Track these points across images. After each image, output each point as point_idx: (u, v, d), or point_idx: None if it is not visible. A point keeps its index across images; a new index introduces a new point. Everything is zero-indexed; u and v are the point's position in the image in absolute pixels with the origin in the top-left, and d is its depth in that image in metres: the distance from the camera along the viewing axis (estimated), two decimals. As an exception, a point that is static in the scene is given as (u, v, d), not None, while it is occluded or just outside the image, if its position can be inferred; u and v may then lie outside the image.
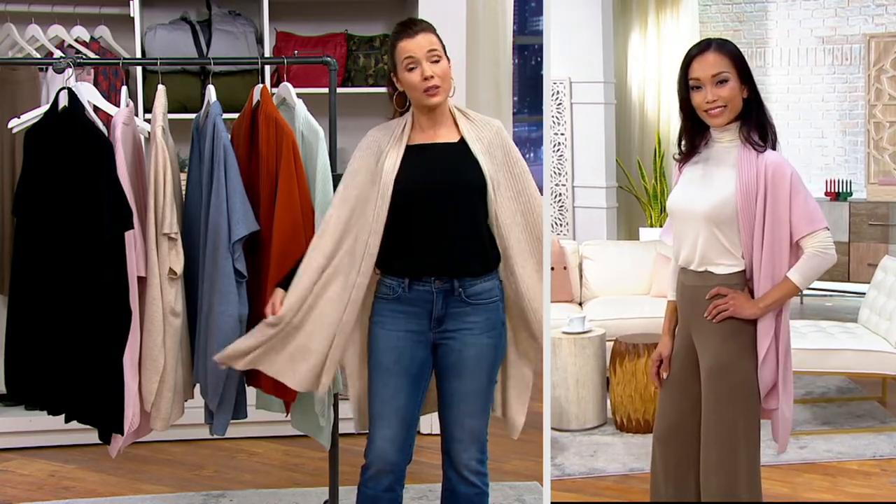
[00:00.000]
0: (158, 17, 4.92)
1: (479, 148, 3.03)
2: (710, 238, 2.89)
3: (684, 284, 2.98)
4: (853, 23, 7.23)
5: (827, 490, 4.13)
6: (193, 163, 3.39)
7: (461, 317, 3.03)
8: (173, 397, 3.32)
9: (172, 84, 4.28)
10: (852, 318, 5.33)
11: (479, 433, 3.10)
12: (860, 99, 7.20)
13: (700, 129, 2.95)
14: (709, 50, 2.86)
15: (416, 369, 3.05)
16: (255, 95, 3.41)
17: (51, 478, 4.39)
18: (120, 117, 3.30)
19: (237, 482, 4.32)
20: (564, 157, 7.07)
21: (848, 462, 4.40)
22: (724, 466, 2.89)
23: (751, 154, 2.86)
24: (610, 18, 6.96)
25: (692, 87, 2.87)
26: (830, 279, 6.99)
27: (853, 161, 7.31)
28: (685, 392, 3.01)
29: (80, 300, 3.22)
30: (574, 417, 4.81)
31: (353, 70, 4.96)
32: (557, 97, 7.04)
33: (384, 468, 3.05)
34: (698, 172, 2.95)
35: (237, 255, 3.25)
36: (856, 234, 6.87)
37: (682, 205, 2.96)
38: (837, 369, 4.83)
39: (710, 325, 2.91)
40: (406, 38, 3.00)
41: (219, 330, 3.24)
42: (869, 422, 4.90)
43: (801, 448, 4.54)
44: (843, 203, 6.96)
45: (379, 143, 3.06)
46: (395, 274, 3.03)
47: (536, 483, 4.22)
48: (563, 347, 4.82)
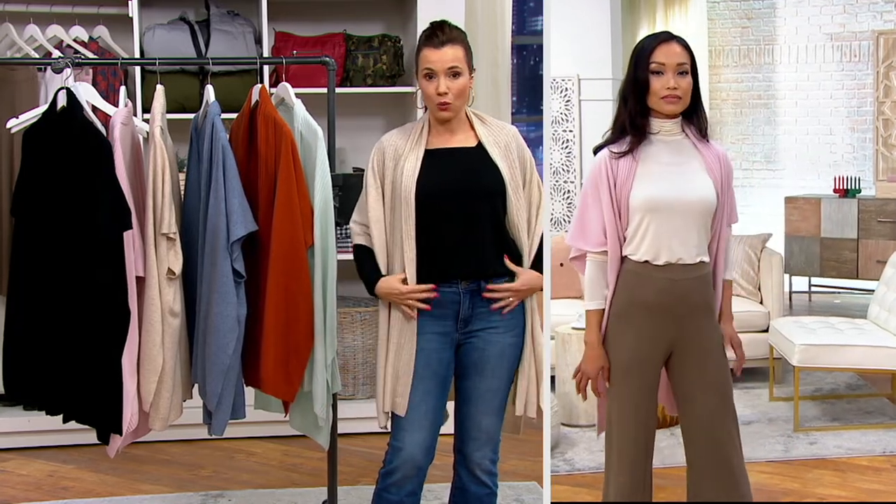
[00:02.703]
0: (157, 17, 4.92)
1: (497, 153, 3.07)
2: (702, 230, 2.95)
3: (671, 279, 2.93)
4: (862, 19, 7.22)
5: (837, 486, 4.14)
6: (192, 163, 3.39)
7: (486, 316, 3.06)
8: (172, 397, 3.31)
9: (171, 84, 4.26)
10: (860, 315, 5.34)
11: (495, 433, 3.13)
12: (869, 96, 7.20)
13: (644, 117, 2.95)
14: (674, 40, 2.93)
15: (444, 371, 3.07)
16: (253, 95, 3.40)
17: (49, 478, 4.39)
18: (118, 117, 3.30)
19: (236, 482, 4.32)
20: (573, 154, 7.07)
21: (858, 458, 4.42)
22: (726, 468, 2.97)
23: (706, 146, 2.98)
24: (618, 15, 6.97)
25: (653, 71, 2.90)
26: (839, 276, 7.00)
27: (861, 158, 7.31)
28: (652, 394, 3.02)
29: (78, 300, 3.22)
30: (584, 413, 4.82)
31: (351, 70, 4.96)
32: (566, 94, 7.04)
33: (411, 473, 3.05)
34: (660, 165, 2.93)
35: (236, 256, 3.25)
36: (864, 231, 6.88)
37: (668, 198, 2.91)
38: (847, 365, 4.83)
39: (702, 317, 2.97)
40: (431, 47, 3.00)
41: (217, 330, 3.24)
42: (878, 418, 4.91)
43: (811, 444, 4.56)
44: (851, 200, 6.95)
45: (395, 147, 3.08)
46: (422, 278, 3.04)
47: (535, 483, 4.22)
48: (573, 343, 4.83)
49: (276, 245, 3.25)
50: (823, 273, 7.09)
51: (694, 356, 2.98)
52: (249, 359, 3.35)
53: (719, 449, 2.96)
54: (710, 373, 2.97)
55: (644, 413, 3.00)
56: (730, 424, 2.98)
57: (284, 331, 3.28)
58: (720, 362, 2.99)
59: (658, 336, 2.98)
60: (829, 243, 7.03)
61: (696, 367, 2.98)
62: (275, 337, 3.27)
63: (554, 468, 4.33)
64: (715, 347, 2.99)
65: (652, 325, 2.97)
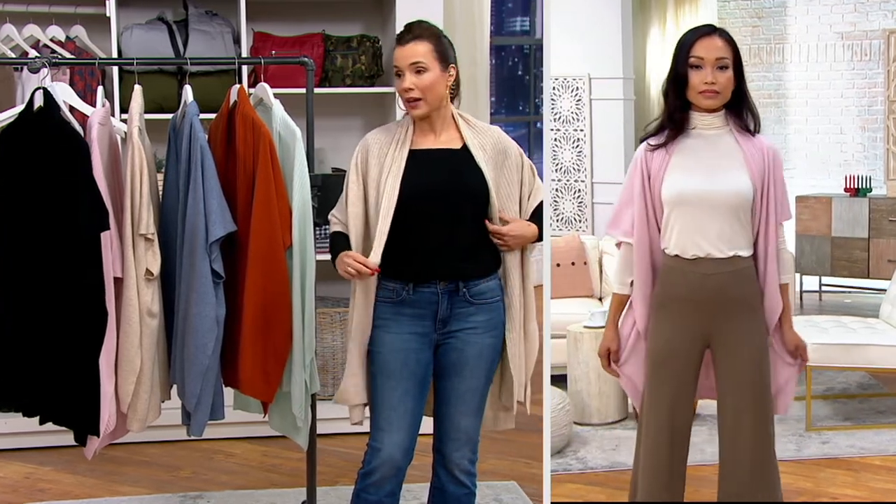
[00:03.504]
0: (134, 17, 4.90)
1: (481, 156, 3.07)
2: (735, 223, 2.95)
3: (704, 274, 2.96)
4: (872, 18, 7.22)
5: (850, 485, 4.14)
6: (170, 163, 3.39)
7: (465, 316, 3.07)
8: (150, 398, 3.31)
9: (149, 84, 4.25)
10: (871, 315, 5.33)
11: (474, 433, 3.14)
12: (879, 95, 7.18)
13: (684, 111, 2.98)
14: (715, 34, 2.94)
15: (422, 371, 3.08)
16: (231, 96, 3.40)
17: (26, 480, 4.36)
18: (96, 117, 3.29)
19: (214, 483, 4.31)
20: (583, 153, 7.07)
21: (871, 457, 4.41)
22: (769, 459, 2.98)
23: (748, 140, 2.97)
24: (629, 14, 6.95)
25: (692, 65, 2.92)
26: (850, 275, 6.99)
27: (872, 157, 7.30)
28: (688, 388, 3.02)
29: (55, 301, 3.21)
30: (595, 412, 4.83)
31: (330, 70, 4.96)
32: (577, 93, 7.04)
33: (390, 473, 3.06)
34: (694, 159, 2.96)
35: (214, 256, 3.24)
36: (875, 231, 6.85)
37: (697, 192, 2.95)
38: (859, 364, 4.82)
39: (740, 313, 2.95)
40: (398, 44, 3.03)
41: (196, 331, 3.23)
42: (891, 417, 4.91)
43: (823, 443, 4.57)
44: (862, 199, 6.92)
45: (380, 145, 3.09)
46: (400, 277, 3.05)
47: (514, 483, 4.23)
48: (585, 342, 4.84)
49: (254, 245, 3.25)
50: (834, 272, 7.03)
51: (727, 352, 2.98)
52: (228, 359, 3.34)
53: (746, 448, 2.96)
54: (741, 371, 2.97)
55: (675, 405, 3.01)
56: (758, 424, 2.96)
57: (263, 331, 3.28)
58: (755, 360, 2.97)
59: (692, 330, 3.00)
60: (840, 242, 6.96)
61: (728, 363, 2.98)
62: (253, 337, 3.27)
63: (566, 466, 4.34)
64: (751, 345, 2.97)
65: (686, 318, 3.00)
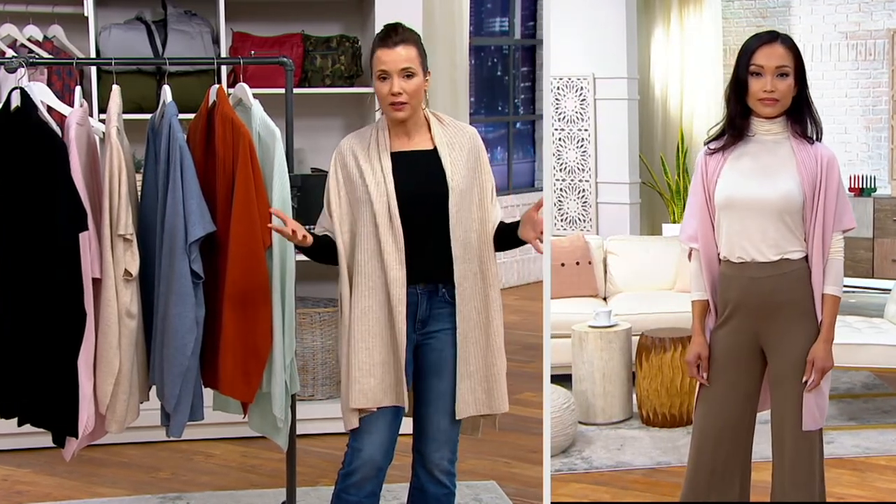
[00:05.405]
0: (113, 17, 4.88)
1: (447, 152, 3.06)
2: (782, 227, 2.97)
3: (751, 278, 2.99)
4: (877, 18, 7.22)
5: (856, 485, 4.14)
6: (149, 163, 3.38)
7: (444, 317, 3.07)
8: (129, 399, 3.30)
9: (127, 84, 4.24)
10: (876, 315, 5.31)
11: (453, 434, 3.14)
12: (884, 94, 7.17)
13: (744, 118, 3.01)
14: (777, 41, 2.96)
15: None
16: (211, 96, 3.39)
17: (4, 482, 4.34)
18: (74, 118, 3.28)
19: (194, 484, 4.30)
20: (588, 153, 7.07)
21: (876, 457, 4.40)
22: (804, 467, 2.99)
23: (804, 146, 2.99)
24: (634, 14, 6.96)
25: (752, 73, 2.95)
26: (854, 275, 6.99)
27: (877, 157, 7.30)
28: (741, 389, 3.05)
29: (34, 302, 3.19)
30: (600, 411, 4.84)
31: (309, 70, 4.96)
32: (581, 93, 7.05)
33: (370, 474, 3.06)
34: (748, 164, 2.99)
35: (194, 257, 3.24)
36: (880, 231, 6.83)
37: (745, 197, 2.98)
38: (864, 364, 4.80)
39: (789, 317, 2.97)
40: (384, 47, 3.00)
41: (175, 331, 3.23)
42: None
43: (828, 443, 4.50)
44: (867, 199, 6.91)
45: (354, 151, 3.07)
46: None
47: (493, 482, 4.24)
48: (590, 342, 4.85)
49: (234, 246, 3.25)
50: (839, 272, 7.05)
51: (775, 357, 3.00)
52: (208, 360, 3.34)
53: (787, 450, 2.98)
54: (784, 376, 2.98)
55: (728, 411, 3.03)
56: (798, 435, 2.97)
57: (243, 332, 3.27)
58: (800, 366, 2.97)
59: (746, 334, 3.02)
60: (845, 242, 6.97)
61: (775, 368, 3.00)
62: (233, 338, 3.27)
63: (571, 466, 4.35)
64: (797, 349, 2.97)
65: (740, 323, 3.03)
